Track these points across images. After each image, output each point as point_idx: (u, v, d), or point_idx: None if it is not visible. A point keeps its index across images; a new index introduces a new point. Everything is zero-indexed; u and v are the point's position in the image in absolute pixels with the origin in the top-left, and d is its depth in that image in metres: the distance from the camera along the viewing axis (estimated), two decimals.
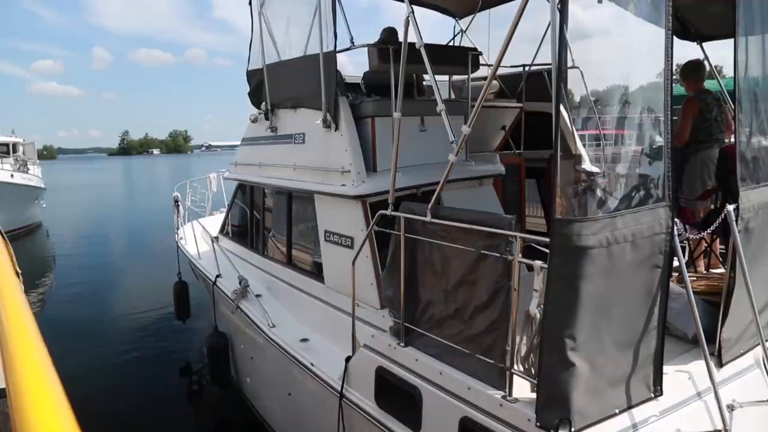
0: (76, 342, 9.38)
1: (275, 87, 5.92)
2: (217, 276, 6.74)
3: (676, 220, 2.88)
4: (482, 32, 6.54)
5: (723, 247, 4.33)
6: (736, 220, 3.15)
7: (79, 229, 27.26)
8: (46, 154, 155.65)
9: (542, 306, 2.72)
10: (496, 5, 6.25)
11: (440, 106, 3.39)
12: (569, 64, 2.74)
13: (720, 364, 3.17)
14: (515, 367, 2.97)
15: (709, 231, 3.38)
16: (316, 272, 5.23)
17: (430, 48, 3.59)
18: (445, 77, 6.35)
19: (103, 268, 17.01)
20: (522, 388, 2.96)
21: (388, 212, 3.78)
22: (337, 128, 4.62)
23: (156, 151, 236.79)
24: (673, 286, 3.26)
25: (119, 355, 9.04)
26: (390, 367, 3.79)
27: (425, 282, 3.57)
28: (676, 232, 2.87)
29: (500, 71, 5.02)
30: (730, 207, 3.16)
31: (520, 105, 6.12)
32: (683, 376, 3.16)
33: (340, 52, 4.66)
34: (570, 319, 2.62)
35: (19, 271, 1.89)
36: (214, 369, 6.80)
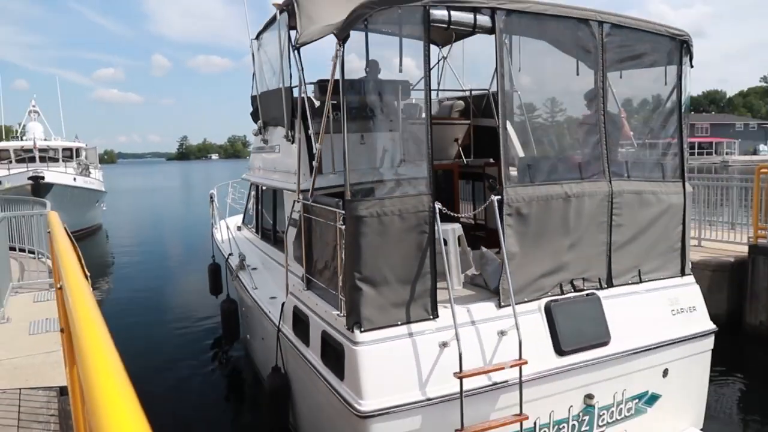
0: (133, 321, 11.23)
1: (265, 109, 7.43)
2: (229, 255, 8.59)
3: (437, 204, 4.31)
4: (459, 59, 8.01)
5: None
6: (502, 208, 4.50)
7: (136, 230, 28.34)
8: (107, 159, 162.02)
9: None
10: (469, 36, 7.42)
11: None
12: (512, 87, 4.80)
13: (499, 306, 4.53)
14: (340, 295, 4.37)
15: (476, 212, 5.27)
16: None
17: (366, 81, 5.05)
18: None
19: (156, 262, 18.95)
20: None
21: (297, 200, 5.53)
22: (293, 141, 5.91)
23: (214, 156, 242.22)
24: (489, 252, 5.05)
25: (167, 330, 10.77)
26: (299, 305, 5.35)
27: (315, 246, 5.09)
28: (437, 211, 4.29)
29: (459, 93, 7.65)
30: (494, 198, 4.51)
31: (468, 121, 7.27)
32: (471, 311, 4.47)
33: (294, 87, 5.97)
34: (355, 261, 4.10)
35: (88, 274, 1.95)
36: (225, 329, 8.69)
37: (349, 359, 4.15)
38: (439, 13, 4.68)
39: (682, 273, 5.58)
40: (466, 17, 5.04)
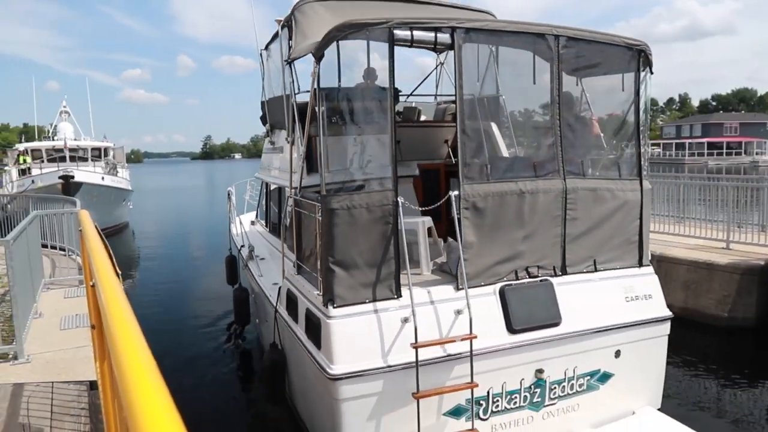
0: (157, 311, 12.14)
1: (271, 114, 8.22)
2: (241, 247, 9.25)
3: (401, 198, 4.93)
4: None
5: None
6: (459, 203, 5.05)
7: (161, 227, 28.88)
8: (133, 158, 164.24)
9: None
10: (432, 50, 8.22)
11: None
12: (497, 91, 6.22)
13: (457, 289, 5.08)
14: (318, 277, 4.98)
15: (434, 206, 5.49)
16: None
17: (356, 88, 5.74)
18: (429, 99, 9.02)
19: (179, 256, 20.18)
20: None
21: (290, 196, 6.20)
22: (293, 143, 6.40)
23: (237, 156, 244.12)
24: (454, 242, 5.29)
25: (187, 317, 11.94)
26: (291, 288, 5.99)
27: (303, 236, 5.71)
28: (400, 205, 4.90)
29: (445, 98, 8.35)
30: (452, 194, 5.07)
31: (453, 124, 7.61)
32: (432, 292, 5.04)
33: (297, 94, 6.60)
34: (329, 247, 4.78)
35: (119, 272, 2.00)
36: (237, 314, 9.46)
37: (324, 331, 4.83)
38: (403, 33, 5.29)
39: (640, 264, 6.02)
40: (428, 36, 5.69)
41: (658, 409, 6.03)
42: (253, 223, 10.85)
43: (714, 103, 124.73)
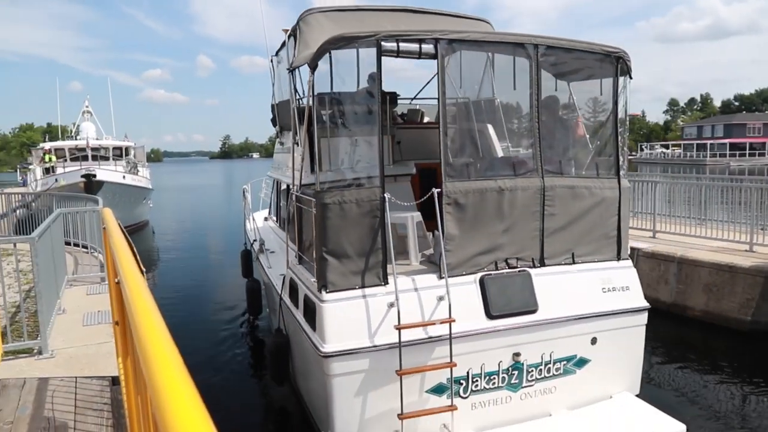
0: (176, 304, 12.90)
1: (281, 116, 8.61)
2: (254, 240, 9.82)
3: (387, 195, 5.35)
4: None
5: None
6: (441, 199, 5.47)
7: (180, 225, 29.25)
8: (153, 157, 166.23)
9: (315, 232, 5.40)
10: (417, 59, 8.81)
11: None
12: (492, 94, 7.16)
13: (440, 278, 5.47)
14: (314, 265, 5.42)
15: (419, 201, 5.92)
16: None
17: (355, 93, 6.19)
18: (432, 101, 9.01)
19: (197, 252, 21.07)
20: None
21: (293, 193, 6.62)
22: (298, 144, 6.70)
23: (255, 155, 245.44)
24: (439, 234, 5.59)
25: (205, 308, 12.86)
26: (293, 276, 6.52)
27: (303, 229, 6.17)
28: (386, 201, 5.34)
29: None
30: (435, 190, 5.46)
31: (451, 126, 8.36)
32: (417, 280, 5.50)
33: (301, 99, 7.04)
34: (323, 238, 5.25)
35: (144, 270, 2.03)
36: (249, 304, 10.11)
37: (318, 313, 5.32)
38: (389, 45, 5.97)
39: (618, 257, 6.38)
40: (414, 46, 6.52)
41: (637, 395, 6.32)
42: (266, 219, 11.57)
43: (737, 104, 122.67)
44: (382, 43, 5.48)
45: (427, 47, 6.03)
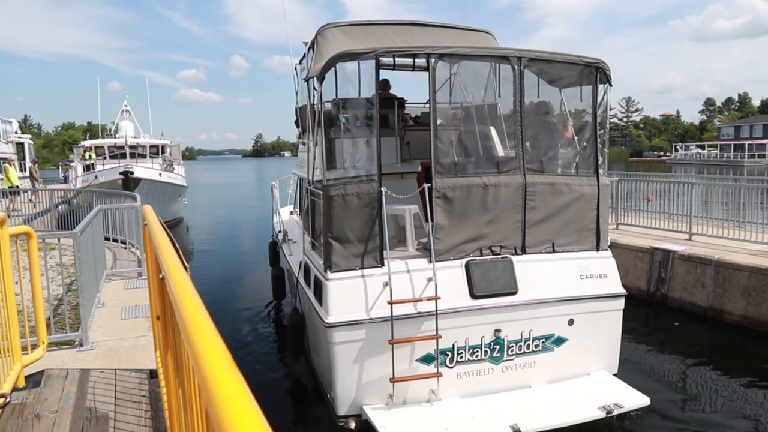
0: (211, 292, 13.78)
1: (302, 119, 9.31)
2: (279, 232, 11.14)
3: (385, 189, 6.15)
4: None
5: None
6: (431, 193, 6.24)
7: (213, 221, 29.75)
8: (188, 155, 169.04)
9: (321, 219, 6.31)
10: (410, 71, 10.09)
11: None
12: (495, 99, 8.00)
13: (430, 261, 6.18)
14: (322, 249, 6.30)
15: (414, 193, 6.57)
16: None
17: (377, 97, 6.49)
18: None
19: (229, 246, 22.37)
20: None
21: (308, 188, 7.50)
22: (317, 144, 7.20)
23: (287, 154, 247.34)
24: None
25: (236, 295, 14.13)
26: (307, 261, 7.41)
27: (315, 218, 6.96)
28: (383, 194, 6.12)
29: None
30: (426, 185, 6.24)
31: (457, 128, 8.47)
32: (410, 264, 6.26)
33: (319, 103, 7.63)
34: (328, 226, 6.09)
35: (187, 265, 2.08)
36: (274, 290, 10.88)
37: (324, 290, 6.14)
38: (387, 60, 7.44)
39: (597, 248, 7.00)
40: (408, 61, 8.21)
41: (615, 375, 6.87)
42: (291, 213, 12.44)
43: None
44: (381, 57, 6.36)
45: (420, 61, 6.96)
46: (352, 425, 6.14)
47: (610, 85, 7.02)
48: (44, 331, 4.95)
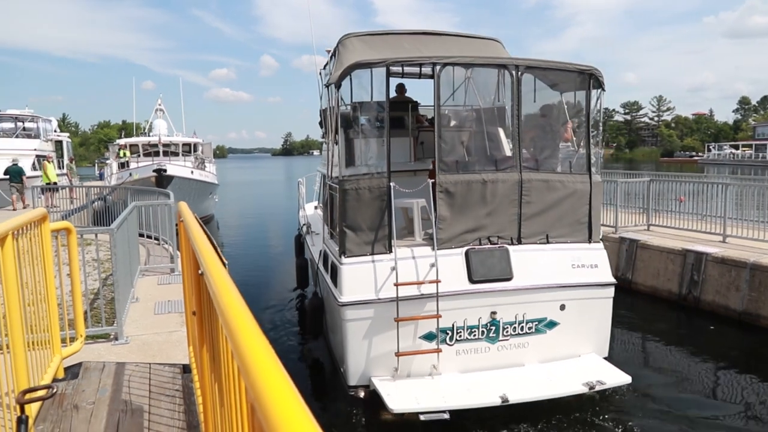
0: (243, 282, 14.00)
1: (325, 120, 9.65)
2: (303, 225, 11.92)
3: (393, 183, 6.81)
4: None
5: None
6: (435, 188, 6.96)
7: (243, 218, 30.23)
8: (218, 153, 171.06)
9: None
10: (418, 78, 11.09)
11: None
12: (501, 102, 8.52)
13: (433, 249, 6.83)
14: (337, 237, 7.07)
15: (419, 188, 7.15)
16: None
17: (387, 102, 7.18)
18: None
19: (258, 240, 23.43)
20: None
21: (328, 183, 8.33)
22: (337, 143, 7.82)
23: (315, 152, 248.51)
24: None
25: (265, 284, 15.11)
26: (326, 249, 8.14)
27: (333, 210, 7.63)
28: (391, 188, 6.79)
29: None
30: (430, 181, 7.03)
31: (468, 128, 8.93)
32: (415, 251, 6.91)
33: (337, 107, 8.12)
34: (343, 216, 6.84)
35: (226, 262, 2.11)
36: (298, 279, 11.72)
37: (338, 273, 6.89)
38: (396, 69, 8.25)
39: (589, 240, 7.53)
40: (415, 69, 9.59)
41: (605, 358, 7.38)
42: (315, 207, 13.20)
43: None
44: (390, 67, 7.09)
45: (427, 69, 8.18)
46: (362, 394, 6.85)
47: (603, 90, 7.58)
48: (82, 325, 5.07)
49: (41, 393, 3.10)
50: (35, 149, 30.62)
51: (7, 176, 22.15)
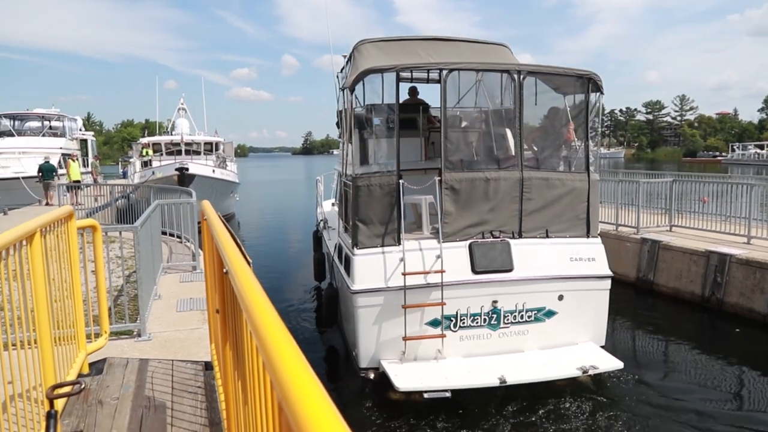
0: (264, 276, 14.31)
1: (341, 121, 10.19)
2: (321, 221, 12.54)
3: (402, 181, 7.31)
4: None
5: None
6: (441, 185, 7.40)
7: (262, 216, 30.46)
8: (239, 152, 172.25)
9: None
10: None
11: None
12: (508, 105, 8.76)
13: (439, 242, 7.29)
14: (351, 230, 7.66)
15: (427, 185, 7.54)
16: None
17: (397, 105, 7.73)
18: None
19: (278, 236, 24.35)
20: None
21: (343, 180, 9.07)
22: (351, 143, 8.31)
23: (335, 151, 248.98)
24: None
25: (286, 277, 15.81)
26: (340, 242, 8.69)
27: (347, 205, 8.10)
28: (401, 185, 7.28)
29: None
30: (436, 178, 7.41)
31: (476, 129, 9.47)
32: (422, 243, 7.36)
33: (350, 109, 8.57)
34: (355, 210, 7.39)
35: (250, 261, 2.13)
36: (315, 272, 12.28)
37: (352, 264, 7.38)
38: (405, 74, 8.85)
39: (587, 235, 7.92)
40: (423, 74, 10.30)
41: (602, 347, 7.79)
42: (333, 204, 13.55)
43: None
44: (400, 72, 7.67)
45: (434, 74, 9.04)
46: (371, 376, 7.39)
47: (602, 94, 8.00)
48: (107, 321, 5.15)
49: (69, 388, 3.15)
50: (61, 147, 31.17)
51: (40, 174, 22.85)
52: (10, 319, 2.92)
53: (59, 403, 3.39)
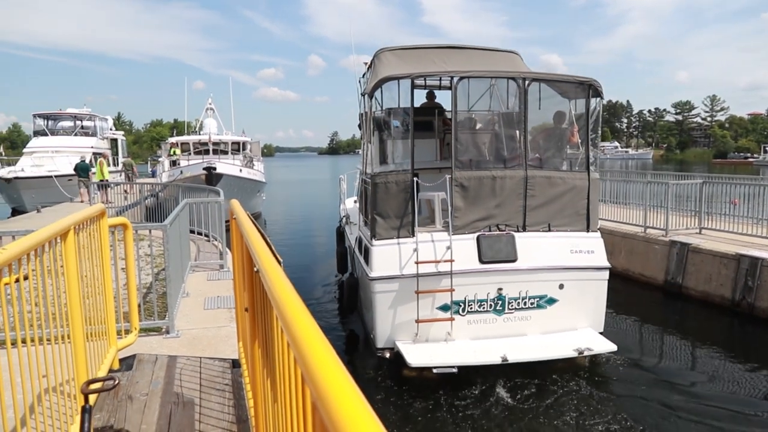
0: (290, 269, 14.42)
1: (362, 123, 10.64)
2: (344, 217, 13.29)
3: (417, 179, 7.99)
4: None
5: None
6: (451, 183, 8.02)
7: (288, 215, 30.70)
8: (266, 152, 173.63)
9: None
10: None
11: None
12: (517, 108, 9.04)
13: (449, 234, 7.96)
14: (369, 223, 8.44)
15: (438, 182, 8.16)
16: None
17: (412, 109, 8.48)
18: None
19: (304, 233, 25.06)
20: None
21: (363, 178, 9.85)
22: (371, 143, 9.29)
23: (360, 151, 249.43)
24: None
25: (311, 270, 16.64)
26: (361, 235, 9.32)
27: (367, 201, 8.74)
28: (414, 183, 7.98)
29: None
30: (447, 176, 8.02)
31: (489, 131, 10.00)
32: (435, 236, 8.01)
33: (370, 113, 9.42)
34: (374, 205, 8.16)
35: (281, 260, 2.14)
36: (338, 264, 13.21)
37: (370, 254, 8.09)
38: (419, 81, 9.88)
39: (587, 229, 8.52)
40: (436, 81, 11.33)
41: (600, 333, 8.35)
42: (355, 201, 14.19)
43: None
44: (414, 80, 8.32)
45: (446, 81, 10.22)
46: (387, 355, 8.09)
47: (602, 98, 8.61)
48: (137, 318, 5.24)
49: (102, 384, 3.20)
50: (92, 147, 31.82)
51: (75, 172, 23.55)
52: (45, 314, 2.98)
53: (91, 398, 3.45)
